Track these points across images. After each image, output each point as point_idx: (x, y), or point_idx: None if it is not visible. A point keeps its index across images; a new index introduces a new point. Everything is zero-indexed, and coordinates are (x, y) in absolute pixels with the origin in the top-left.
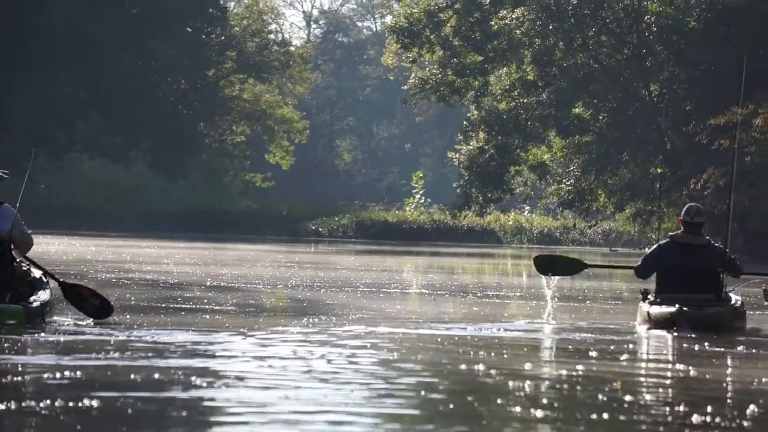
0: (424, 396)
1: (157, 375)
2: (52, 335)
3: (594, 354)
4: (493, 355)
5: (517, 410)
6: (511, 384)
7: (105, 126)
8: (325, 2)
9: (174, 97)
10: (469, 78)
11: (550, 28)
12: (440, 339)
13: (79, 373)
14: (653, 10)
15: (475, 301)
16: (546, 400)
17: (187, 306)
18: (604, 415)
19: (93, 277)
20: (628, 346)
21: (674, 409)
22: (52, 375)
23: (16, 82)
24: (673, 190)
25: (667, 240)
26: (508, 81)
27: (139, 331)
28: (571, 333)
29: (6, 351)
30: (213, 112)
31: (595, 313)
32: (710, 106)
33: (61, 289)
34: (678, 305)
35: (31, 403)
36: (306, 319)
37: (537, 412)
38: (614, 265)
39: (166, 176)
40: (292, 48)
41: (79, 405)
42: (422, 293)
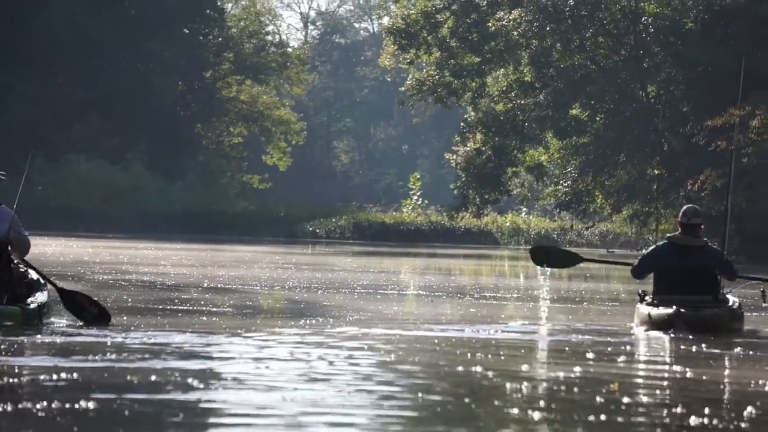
0: (422, 397)
1: (154, 377)
2: (50, 337)
3: (591, 355)
4: (490, 356)
5: (515, 412)
6: (508, 385)
7: (102, 127)
8: (323, 3)
9: (171, 99)
10: (466, 79)
11: (547, 29)
12: (437, 340)
13: (76, 375)
14: (650, 12)
15: (473, 303)
16: (543, 402)
17: (185, 307)
18: (602, 417)
19: (90, 278)
20: (626, 347)
21: (672, 411)
22: (49, 376)
23: (14, 82)
24: (671, 192)
25: (665, 241)
26: (506, 82)
27: (136, 333)
28: (569, 334)
29: (3, 352)
30: (210, 114)
31: (593, 315)
32: (707, 107)
33: (60, 296)
34: (675, 307)
35: (28, 405)
36: (303, 320)
37: (534, 414)
38: (611, 261)
39: (164, 177)
40: (290, 49)
41: (76, 407)
42: (419, 294)
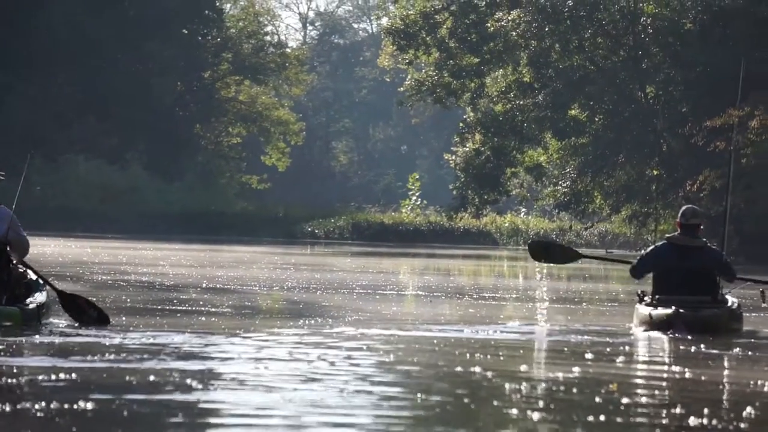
0: (420, 398)
1: (153, 377)
2: (48, 337)
3: (590, 356)
4: (489, 357)
5: (514, 412)
6: (507, 386)
7: (101, 127)
8: (321, 4)
9: (170, 99)
10: (465, 80)
11: (546, 30)
12: (436, 341)
13: (75, 375)
14: (649, 12)
15: (472, 303)
16: (542, 402)
17: (183, 308)
18: (601, 418)
19: (89, 279)
20: (625, 348)
21: (671, 412)
22: (48, 377)
23: (14, 82)
24: (669, 192)
25: (664, 242)
26: (504, 83)
27: (134, 333)
28: (568, 335)
29: (2, 353)
30: (209, 114)
31: (592, 315)
32: (706, 108)
33: (60, 299)
34: (674, 307)
35: (26, 405)
36: (302, 321)
37: (533, 414)
38: (610, 258)
39: (162, 178)
40: (288, 50)
41: (75, 407)
42: (418, 295)
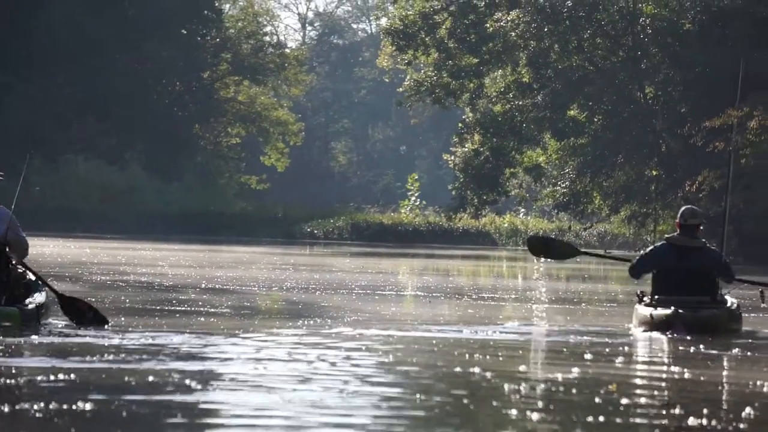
0: (420, 398)
1: (152, 377)
2: (48, 338)
3: (589, 356)
4: (488, 357)
5: (513, 413)
6: (506, 386)
7: (100, 128)
8: (321, 4)
9: (169, 99)
10: (464, 80)
11: (545, 30)
12: (435, 341)
13: (74, 376)
14: (648, 13)
15: (471, 304)
16: (542, 403)
17: (182, 308)
18: (600, 418)
19: (88, 279)
20: (624, 348)
21: (670, 412)
22: (47, 377)
23: (13, 82)
24: (668, 193)
25: (663, 242)
26: (503, 83)
27: (133, 334)
28: (567, 335)
29: (1, 353)
30: (208, 114)
31: (591, 316)
32: (705, 108)
33: (60, 302)
34: (674, 308)
35: (25, 406)
36: (301, 321)
37: (533, 415)
38: (609, 255)
39: (161, 178)
40: (288, 50)
41: (74, 408)
42: (417, 295)
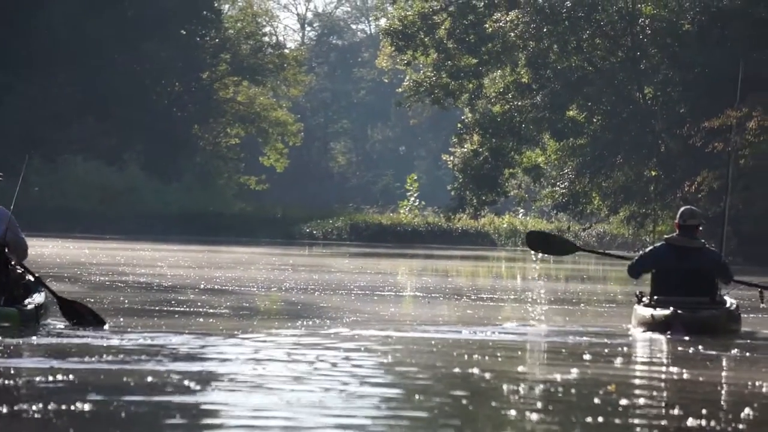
0: (419, 399)
1: (151, 378)
2: (46, 338)
3: (588, 357)
4: (487, 358)
5: (512, 413)
6: (505, 387)
7: (99, 128)
8: (320, 5)
9: (168, 100)
10: (463, 81)
11: (545, 30)
12: (434, 342)
13: (73, 376)
14: (647, 13)
15: (470, 304)
16: (540, 403)
17: (181, 309)
18: (599, 419)
19: (87, 279)
20: (623, 349)
21: (669, 413)
22: (46, 378)
23: (13, 83)
24: (667, 193)
25: (662, 242)
26: (503, 83)
27: (132, 334)
28: (566, 336)
29: (0, 354)
30: (207, 115)
31: (590, 316)
32: (704, 108)
33: (59, 305)
34: (673, 308)
35: (24, 406)
36: (300, 322)
37: (532, 415)
38: (607, 252)
39: (160, 178)
40: (287, 50)
41: (73, 408)
42: (416, 296)
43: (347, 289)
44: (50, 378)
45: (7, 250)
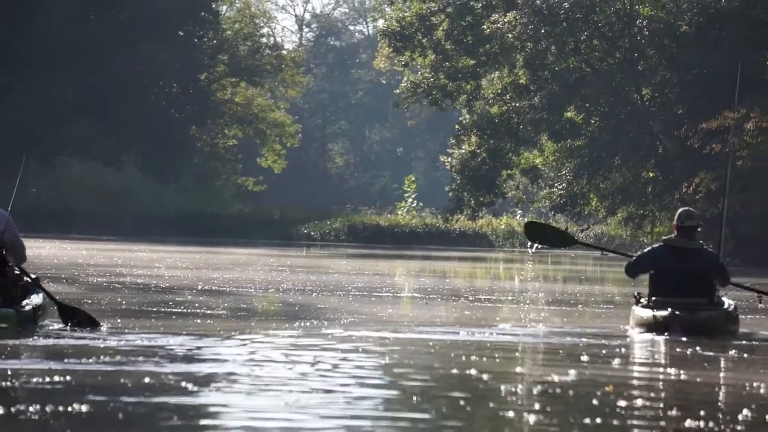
0: (416, 400)
1: (149, 379)
2: (44, 339)
3: (586, 358)
4: (485, 359)
5: (510, 414)
6: (503, 388)
7: (97, 129)
8: (318, 6)
9: (166, 101)
10: (461, 82)
11: (542, 32)
12: (432, 343)
13: (70, 378)
14: (645, 15)
15: (467, 305)
16: (538, 404)
17: (179, 310)
18: (597, 420)
19: (84, 281)
20: (621, 350)
21: (667, 414)
22: (44, 379)
23: (12, 83)
24: (665, 194)
25: (660, 244)
26: (500, 85)
27: (130, 336)
28: (564, 337)
29: None
30: (205, 116)
31: (588, 317)
32: (702, 110)
33: (59, 310)
34: (671, 309)
35: (21, 407)
36: (298, 323)
37: (529, 417)
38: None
39: (158, 180)
40: (284, 52)
41: (70, 409)
42: (414, 297)
43: (345, 290)
44: (48, 379)
45: (5, 252)
